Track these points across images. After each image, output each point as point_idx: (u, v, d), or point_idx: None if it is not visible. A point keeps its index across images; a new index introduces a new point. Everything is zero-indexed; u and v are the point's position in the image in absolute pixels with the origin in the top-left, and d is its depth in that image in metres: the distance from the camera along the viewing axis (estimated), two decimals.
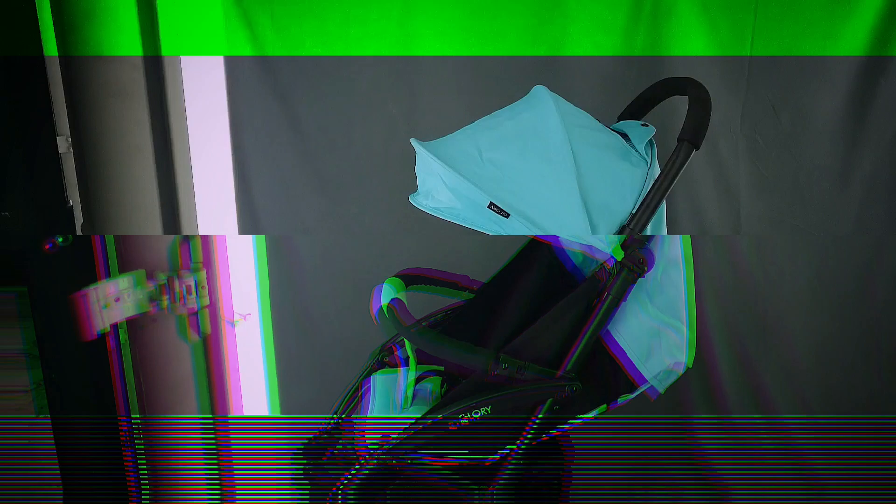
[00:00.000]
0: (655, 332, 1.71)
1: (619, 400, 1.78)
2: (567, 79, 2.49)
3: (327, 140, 2.57)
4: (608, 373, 1.76)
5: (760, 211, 2.46)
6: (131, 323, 0.66)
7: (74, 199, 0.64)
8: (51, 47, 0.62)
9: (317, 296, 2.67)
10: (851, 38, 2.28)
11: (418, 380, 1.98)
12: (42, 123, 0.63)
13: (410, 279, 2.00)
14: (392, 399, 1.96)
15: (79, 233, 0.65)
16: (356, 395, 2.08)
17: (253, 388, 0.80)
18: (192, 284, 0.65)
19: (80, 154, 0.59)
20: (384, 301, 1.84)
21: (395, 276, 1.98)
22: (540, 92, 1.75)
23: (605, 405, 1.78)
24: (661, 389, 1.74)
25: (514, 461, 1.75)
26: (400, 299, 1.83)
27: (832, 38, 2.30)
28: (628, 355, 1.73)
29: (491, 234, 1.60)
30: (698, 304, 2.10)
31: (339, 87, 2.54)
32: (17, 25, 0.61)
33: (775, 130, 2.41)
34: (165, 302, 0.65)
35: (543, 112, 1.69)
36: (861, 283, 2.50)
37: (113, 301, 0.64)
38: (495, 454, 1.75)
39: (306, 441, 2.04)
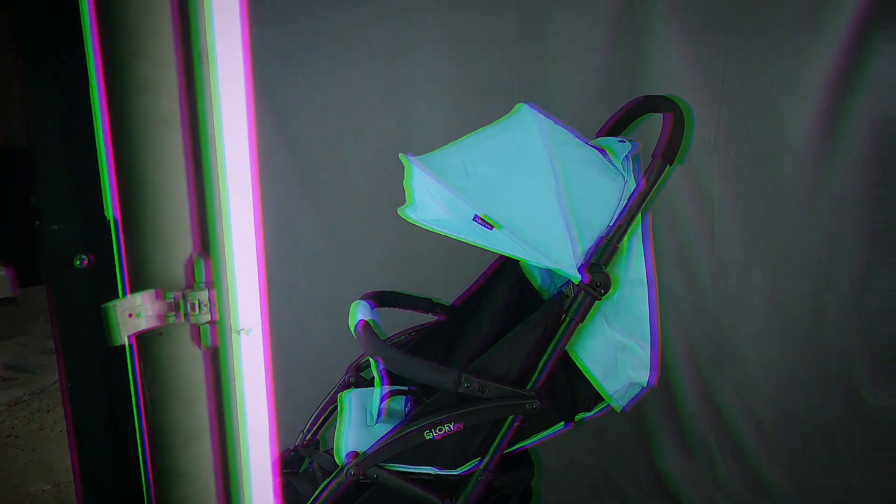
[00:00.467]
0: (614, 353, 1.77)
1: (577, 418, 1.84)
2: (551, 94, 2.58)
3: (319, 153, 2.65)
4: (568, 391, 1.81)
5: (734, 222, 2.54)
6: (145, 335, 0.74)
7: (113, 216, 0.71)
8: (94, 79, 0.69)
9: (301, 311, 2.75)
10: (819, 57, 2.37)
11: (386, 398, 2.04)
12: (89, 145, 0.70)
13: (380, 299, 2.05)
14: (361, 416, 2.01)
15: (116, 247, 0.73)
16: (324, 413, 2.15)
17: (253, 401, 0.87)
18: (200, 299, 0.72)
19: (121, 175, 0.66)
20: (354, 321, 1.90)
21: (363, 297, 2.03)
22: (524, 110, 1.82)
23: (564, 423, 1.84)
24: (618, 408, 1.81)
25: (479, 475, 1.80)
26: (367, 320, 1.89)
27: (802, 56, 2.39)
28: (588, 375, 1.79)
29: (476, 244, 1.66)
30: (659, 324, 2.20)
31: (330, 101, 2.61)
32: (70, 64, 0.68)
33: (748, 145, 2.48)
34: (180, 318, 0.73)
35: (527, 129, 1.76)
36: (812, 307, 2.56)
37: (128, 316, 0.72)
38: (460, 469, 1.80)
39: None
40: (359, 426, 1.95)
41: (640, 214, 1.72)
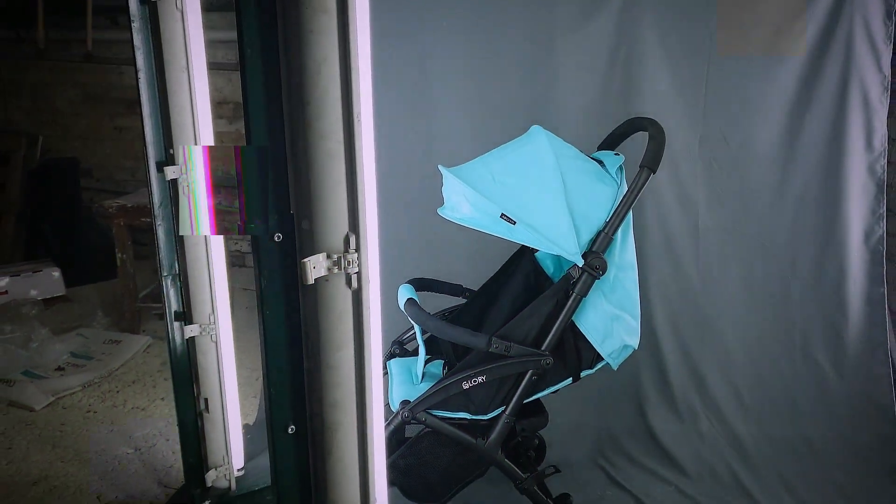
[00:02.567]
0: (610, 322, 2.32)
1: (582, 374, 2.40)
2: (557, 112, 3.13)
3: None
4: (574, 352, 2.36)
5: (715, 221, 3.10)
6: (318, 280, 1.30)
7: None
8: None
9: None
10: (781, 83, 2.94)
11: (426, 363, 2.59)
12: (283, 170, 1.24)
13: (418, 284, 2.62)
14: (406, 377, 2.58)
15: (297, 229, 1.27)
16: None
17: (373, 323, 1.37)
18: (352, 259, 1.27)
19: (304, 188, 1.19)
20: (402, 300, 2.48)
21: (407, 282, 2.61)
22: (536, 130, 2.37)
23: (570, 378, 2.40)
24: (614, 366, 2.37)
25: (504, 419, 2.37)
26: (414, 298, 2.47)
27: (767, 82, 2.95)
28: (589, 339, 2.35)
29: (501, 237, 2.22)
30: (649, 305, 2.72)
31: None
32: (274, 123, 1.23)
33: (726, 155, 3.05)
34: (337, 269, 1.28)
35: (539, 146, 2.31)
36: (781, 288, 3.11)
37: (312, 267, 1.28)
38: (489, 414, 2.37)
39: None
40: (405, 384, 2.52)
41: (629, 212, 2.28)
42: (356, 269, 1.34)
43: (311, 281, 1.29)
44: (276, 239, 1.33)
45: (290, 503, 1.48)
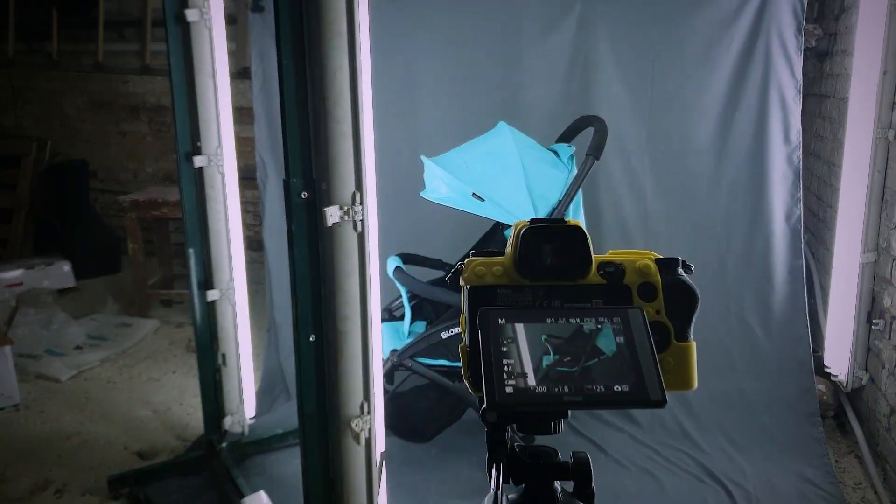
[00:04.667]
0: None
1: None
2: (524, 111, 3.72)
3: None
4: None
5: (660, 207, 3.69)
6: (333, 225, 1.90)
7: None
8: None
9: None
10: (715, 85, 3.53)
11: (411, 324, 3.17)
12: (309, 148, 1.84)
13: (405, 258, 3.22)
14: (395, 335, 3.16)
15: (318, 189, 1.86)
16: None
17: (372, 259, 2.02)
18: (358, 210, 1.86)
19: (322, 158, 1.78)
20: (391, 268, 3.07)
21: (395, 254, 3.19)
22: (501, 126, 2.98)
23: None
24: None
25: None
26: (401, 266, 3.06)
27: (703, 84, 3.55)
28: None
29: (473, 212, 2.80)
30: None
31: None
32: (301, 115, 1.84)
33: (669, 148, 3.64)
34: (347, 217, 1.86)
35: (504, 139, 2.92)
36: (718, 262, 3.65)
37: (329, 216, 1.87)
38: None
39: None
40: (394, 339, 3.11)
41: (578, 191, 2.87)
42: (360, 217, 1.93)
43: (329, 225, 1.88)
44: (303, 196, 1.92)
45: (310, 396, 2.06)
